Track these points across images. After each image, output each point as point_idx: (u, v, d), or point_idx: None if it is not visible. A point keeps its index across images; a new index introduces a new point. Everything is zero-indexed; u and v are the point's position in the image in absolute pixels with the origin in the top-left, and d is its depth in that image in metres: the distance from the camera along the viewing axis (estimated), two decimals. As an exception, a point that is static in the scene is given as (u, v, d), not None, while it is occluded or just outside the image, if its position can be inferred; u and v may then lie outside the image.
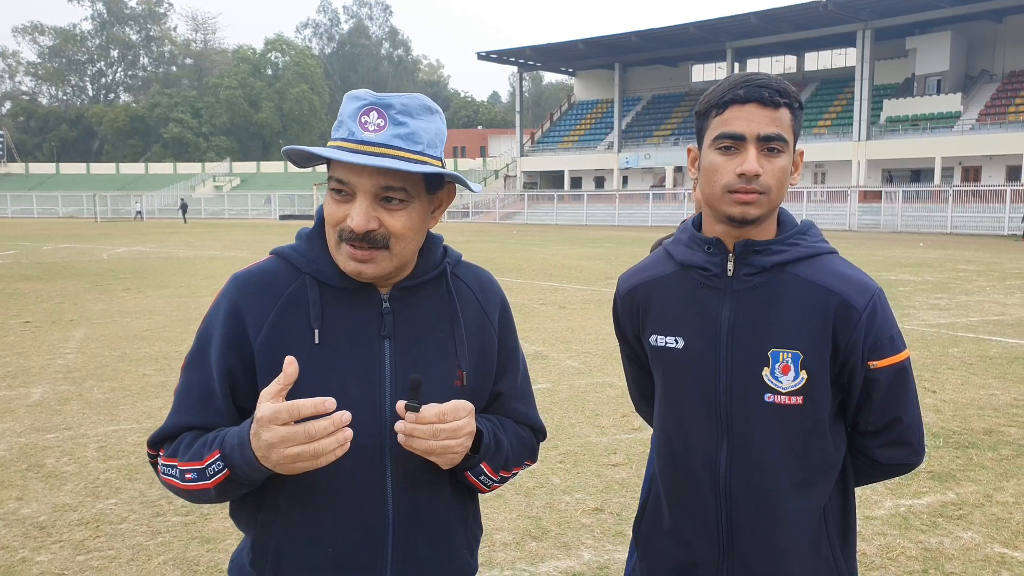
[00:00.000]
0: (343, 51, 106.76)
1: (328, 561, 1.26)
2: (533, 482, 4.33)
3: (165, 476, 1.26)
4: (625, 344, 1.63)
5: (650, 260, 1.55)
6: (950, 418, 5.56)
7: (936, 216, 36.04)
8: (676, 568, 1.48)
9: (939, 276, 15.57)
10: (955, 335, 8.87)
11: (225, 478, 1.17)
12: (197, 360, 1.28)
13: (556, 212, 48.35)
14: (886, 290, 12.32)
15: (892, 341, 1.38)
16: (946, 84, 43.46)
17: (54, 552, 3.45)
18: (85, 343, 8.31)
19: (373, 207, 1.20)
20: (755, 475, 1.38)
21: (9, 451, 4.79)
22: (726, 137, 1.33)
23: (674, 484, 1.47)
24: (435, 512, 1.32)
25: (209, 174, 72.20)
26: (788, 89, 1.34)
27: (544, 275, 15.72)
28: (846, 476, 1.47)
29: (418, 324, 1.31)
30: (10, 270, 16.56)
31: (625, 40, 49.41)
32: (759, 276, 1.39)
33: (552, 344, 8.31)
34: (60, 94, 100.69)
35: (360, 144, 1.19)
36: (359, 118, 1.20)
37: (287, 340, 1.24)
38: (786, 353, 1.36)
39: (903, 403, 1.41)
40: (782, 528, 1.38)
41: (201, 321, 1.31)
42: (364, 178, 1.19)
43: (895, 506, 4.01)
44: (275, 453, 1.10)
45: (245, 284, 1.29)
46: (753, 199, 1.33)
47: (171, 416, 1.28)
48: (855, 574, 1.48)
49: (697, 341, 1.41)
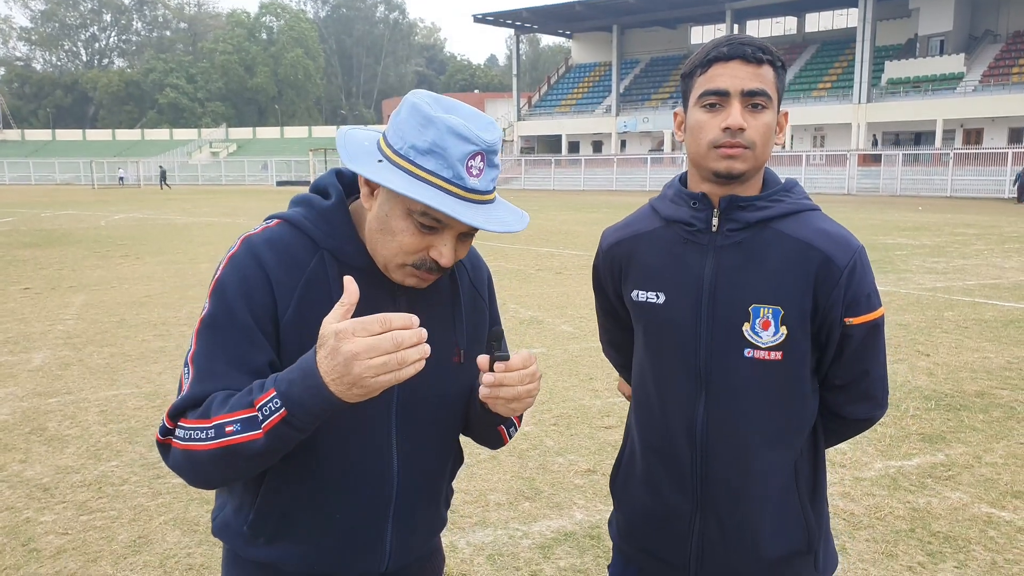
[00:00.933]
0: (338, 14, 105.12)
1: (334, 526, 1.28)
2: (527, 444, 4.39)
3: (189, 443, 1.14)
4: (603, 297, 1.65)
5: (635, 216, 1.57)
6: (942, 381, 5.61)
7: (936, 180, 35.86)
8: (650, 517, 1.51)
9: (937, 240, 15.57)
10: (951, 299, 8.91)
11: (281, 419, 1.08)
12: (220, 322, 1.20)
13: (553, 177, 48.08)
14: (883, 254, 12.27)
15: (869, 299, 1.41)
16: (949, 45, 42.90)
17: (58, 512, 3.52)
18: (85, 309, 8.35)
19: (456, 243, 1.24)
20: (731, 428, 1.41)
21: (12, 415, 4.85)
22: (711, 94, 1.35)
23: (651, 435, 1.50)
24: (431, 480, 1.38)
25: (205, 140, 71.68)
26: (771, 48, 1.36)
27: (540, 241, 15.71)
28: (817, 434, 1.50)
29: (425, 304, 1.33)
30: (9, 237, 16.53)
31: (623, 1, 48.60)
32: (743, 232, 1.40)
33: (548, 309, 8.34)
34: (54, 59, 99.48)
35: (467, 192, 1.18)
36: (467, 162, 1.17)
37: (310, 318, 1.21)
38: (767, 308, 1.37)
39: (872, 358, 1.44)
40: (754, 481, 1.41)
41: (214, 283, 1.23)
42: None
43: (885, 467, 4.08)
44: (359, 365, 1.03)
45: (270, 251, 1.24)
46: (738, 153, 1.34)
47: (196, 382, 1.18)
48: (826, 529, 1.51)
49: (678, 296, 1.43)
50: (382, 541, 1.32)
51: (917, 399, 5.21)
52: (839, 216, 22.25)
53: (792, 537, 1.44)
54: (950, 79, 41.10)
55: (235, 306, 1.20)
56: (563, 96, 58.88)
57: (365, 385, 1.05)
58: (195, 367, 1.20)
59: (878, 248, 14.00)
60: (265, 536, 1.29)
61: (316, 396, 1.07)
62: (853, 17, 47.31)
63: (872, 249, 13.85)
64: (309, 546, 1.29)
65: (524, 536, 3.34)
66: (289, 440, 1.12)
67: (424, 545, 1.41)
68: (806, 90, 46.73)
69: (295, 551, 1.29)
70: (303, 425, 1.10)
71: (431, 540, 1.44)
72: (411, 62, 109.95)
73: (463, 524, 3.44)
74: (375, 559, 1.32)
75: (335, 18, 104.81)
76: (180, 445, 1.16)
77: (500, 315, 1.51)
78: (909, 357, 6.30)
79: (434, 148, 1.16)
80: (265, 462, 1.16)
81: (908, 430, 4.62)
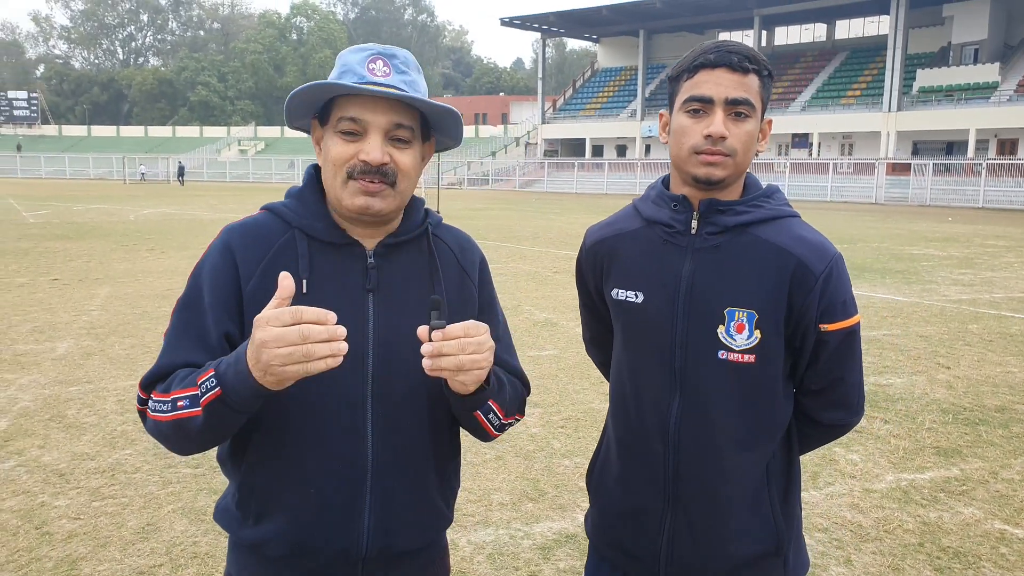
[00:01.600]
0: (367, 16, 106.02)
1: (310, 501, 1.31)
2: (533, 445, 4.40)
3: (155, 414, 1.24)
4: (584, 294, 1.67)
5: (618, 215, 1.59)
6: (962, 394, 5.52)
7: (968, 190, 35.22)
8: (623, 514, 1.53)
9: (966, 251, 15.30)
10: (976, 311, 8.76)
11: (215, 398, 1.16)
12: (191, 303, 1.31)
13: (576, 180, 47.97)
14: (908, 264, 12.12)
15: (845, 306, 1.42)
16: (984, 53, 42.14)
17: (71, 498, 3.59)
18: (109, 301, 8.51)
19: (384, 143, 1.28)
20: (704, 428, 1.43)
21: (34, 402, 4.96)
22: (695, 100, 1.37)
23: (626, 433, 1.52)
24: (413, 460, 1.37)
25: (234, 138, 72.54)
26: (758, 57, 1.37)
27: (560, 243, 15.70)
28: (791, 439, 1.51)
29: (401, 280, 1.37)
30: (42, 229, 16.90)
31: (650, 6, 48.41)
32: (721, 236, 1.42)
33: (563, 312, 8.34)
34: (92, 57, 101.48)
35: (372, 85, 1.26)
36: (367, 65, 1.28)
37: (272, 288, 1.25)
38: (741, 312, 1.39)
39: (847, 365, 1.45)
40: (725, 481, 1.43)
41: (193, 268, 1.36)
42: (379, 115, 1.27)
43: (896, 480, 4.03)
44: (266, 352, 1.09)
45: (239, 233, 1.35)
46: (719, 160, 1.36)
47: (163, 355, 1.30)
48: (797, 532, 1.52)
49: (656, 296, 1.45)
50: (359, 517, 1.33)
51: (934, 412, 5.13)
52: (865, 225, 21.96)
53: (761, 538, 1.45)
54: (984, 88, 40.37)
55: (204, 288, 1.31)
56: (588, 100, 58.77)
57: (274, 373, 1.11)
58: (166, 341, 1.32)
59: (904, 259, 13.80)
60: (252, 516, 1.34)
61: (242, 379, 1.14)
62: (884, 25, 46.70)
63: (898, 259, 13.66)
64: (289, 523, 1.32)
65: (525, 536, 3.34)
66: (227, 418, 1.19)
67: (415, 535, 1.39)
68: (835, 97, 46.19)
69: (277, 529, 1.33)
70: (238, 406, 1.17)
71: (425, 532, 1.42)
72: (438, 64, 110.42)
73: (465, 522, 3.46)
74: (352, 536, 1.33)
75: (364, 20, 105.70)
76: (150, 415, 1.27)
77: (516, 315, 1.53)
78: (929, 369, 6.21)
79: (341, 68, 1.31)
80: (214, 436, 1.24)
81: (923, 443, 4.56)
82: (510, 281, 10.53)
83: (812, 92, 48.07)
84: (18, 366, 5.82)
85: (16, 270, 10.74)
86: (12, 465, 3.96)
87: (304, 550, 1.33)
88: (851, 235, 18.41)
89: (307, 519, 1.32)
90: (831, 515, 3.60)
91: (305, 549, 1.33)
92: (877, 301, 9.33)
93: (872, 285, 10.64)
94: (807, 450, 1.58)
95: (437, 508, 1.43)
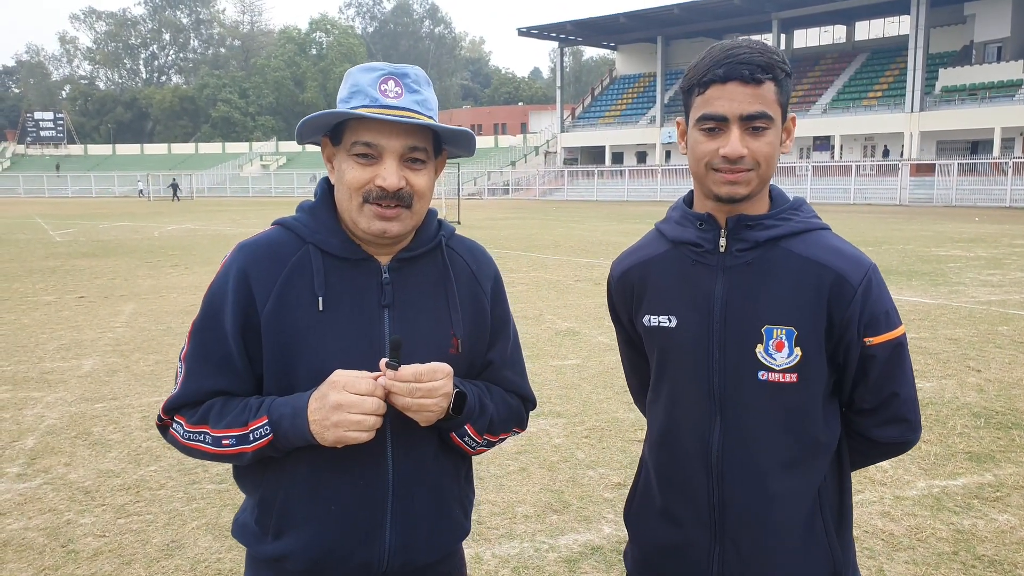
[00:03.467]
0: (386, 29, 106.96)
1: (331, 518, 1.31)
2: (557, 456, 4.36)
3: (189, 442, 1.30)
4: (620, 328, 1.61)
5: (642, 241, 1.54)
6: (994, 398, 5.40)
7: (994, 189, 34.66)
8: (666, 550, 1.46)
9: (993, 252, 15.02)
10: (1006, 312, 8.58)
11: (267, 443, 1.25)
12: (210, 325, 1.31)
13: (597, 188, 47.90)
14: (935, 266, 11.93)
15: (888, 316, 1.36)
16: (1007, 51, 41.54)
17: (97, 515, 3.62)
18: (134, 317, 8.61)
19: (400, 167, 1.28)
20: (747, 454, 1.37)
21: (60, 419, 5.02)
22: (708, 119, 1.31)
23: (666, 464, 1.46)
24: (431, 472, 1.37)
25: (256, 153, 73.44)
26: (771, 60, 1.30)
27: (581, 251, 15.66)
28: (842, 458, 1.44)
29: (416, 294, 1.36)
30: (69, 247, 17.19)
31: (667, 13, 48.40)
32: (752, 252, 1.37)
33: (584, 320, 8.29)
34: (116, 77, 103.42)
35: (385, 109, 1.26)
36: (378, 86, 1.27)
37: (292, 307, 1.30)
38: (780, 330, 1.33)
39: (899, 379, 1.38)
40: (774, 508, 1.36)
41: (207, 289, 1.35)
42: (393, 139, 1.27)
43: (928, 487, 3.93)
44: (338, 415, 1.19)
45: (252, 252, 1.34)
46: (740, 179, 1.31)
47: (188, 381, 1.31)
48: (851, 557, 1.45)
49: (690, 319, 1.40)
50: (381, 531, 1.33)
51: (965, 416, 5.01)
52: (889, 228, 21.66)
53: (817, 568, 1.38)
54: (1008, 86, 39.75)
55: (219, 312, 1.31)
56: (607, 107, 58.74)
57: (338, 435, 1.21)
58: (187, 365, 1.34)
59: (930, 260, 13.58)
60: (272, 531, 1.34)
61: (298, 432, 1.23)
62: (905, 25, 46.22)
63: (923, 261, 13.44)
64: (309, 537, 1.32)
65: (550, 549, 3.31)
66: (274, 455, 1.30)
67: (435, 548, 1.39)
68: (856, 99, 45.75)
69: (297, 544, 1.32)
70: (284, 449, 1.28)
71: (445, 544, 1.41)
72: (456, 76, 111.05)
73: (489, 536, 3.43)
74: (374, 552, 1.32)
75: (383, 33, 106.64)
76: (182, 441, 1.32)
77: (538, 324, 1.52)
78: (958, 373, 6.08)
79: (352, 89, 1.30)
80: (255, 460, 1.31)
81: (955, 448, 4.45)
82: (531, 290, 10.51)
83: (833, 94, 47.65)
84: (45, 384, 5.90)
85: (43, 288, 10.92)
86: (39, 483, 4.00)
87: (324, 565, 1.32)
88: (876, 237, 18.16)
89: (328, 536, 1.32)
90: (862, 524, 3.53)
91: (325, 565, 1.32)
92: (904, 304, 9.17)
93: (899, 288, 10.48)
94: (859, 467, 1.51)
95: (456, 519, 1.44)
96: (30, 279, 11.90)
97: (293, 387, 1.29)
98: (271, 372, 1.31)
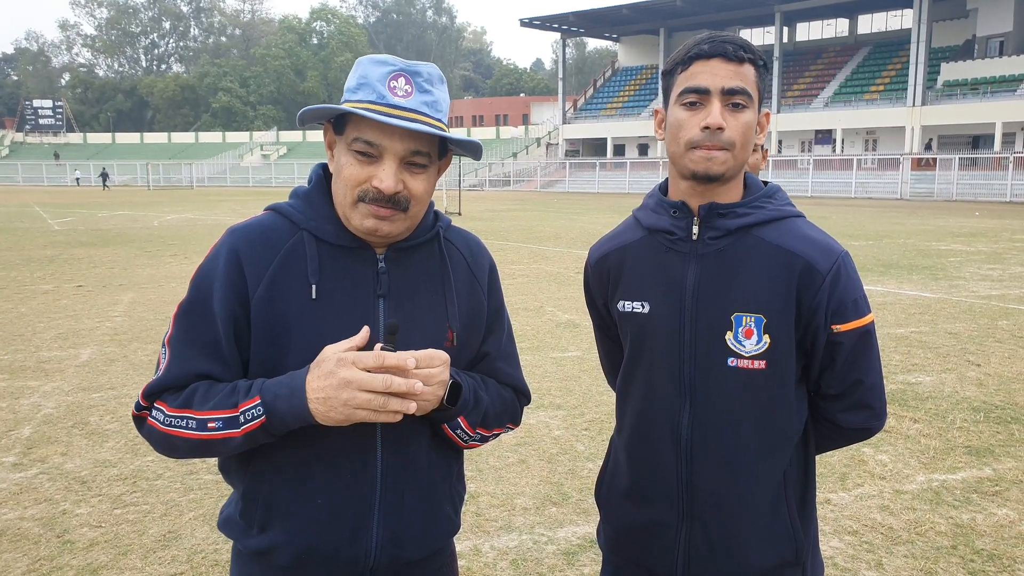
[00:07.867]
0: (387, 19, 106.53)
1: (318, 512, 1.28)
2: (557, 448, 4.35)
3: (170, 428, 1.22)
4: (595, 313, 1.64)
5: (620, 228, 1.56)
6: (993, 392, 5.39)
7: (995, 184, 34.63)
8: (637, 529, 1.49)
9: (994, 246, 15.00)
10: (1006, 307, 8.56)
11: (259, 426, 1.17)
12: (197, 309, 1.26)
13: (598, 180, 47.84)
14: (935, 260, 11.92)
15: (856, 305, 1.37)
16: (1009, 45, 41.40)
17: (93, 505, 3.61)
18: (132, 307, 8.59)
19: (399, 170, 1.24)
20: (716, 438, 1.39)
21: (57, 409, 5.01)
22: (691, 91, 1.33)
23: (637, 447, 1.48)
24: (422, 466, 1.35)
25: (257, 143, 73.28)
26: (752, 47, 1.34)
27: (582, 243, 15.63)
28: (807, 442, 1.47)
29: (411, 284, 1.33)
30: (67, 236, 17.16)
31: (670, 4, 48.17)
32: (724, 239, 1.39)
33: (585, 313, 8.19)
34: (116, 65, 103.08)
35: (392, 108, 1.21)
36: (388, 83, 1.22)
37: (285, 294, 1.26)
38: (749, 317, 1.36)
39: (865, 367, 1.40)
40: (741, 491, 1.39)
41: (195, 271, 1.30)
42: (395, 141, 1.23)
43: (927, 480, 3.93)
44: (346, 393, 1.12)
45: (244, 236, 1.30)
46: (716, 155, 1.33)
47: (172, 364, 1.25)
48: (814, 540, 1.48)
49: (662, 305, 1.42)
50: (368, 526, 1.30)
51: (965, 411, 5.00)
52: (890, 221, 21.62)
53: (780, 548, 1.41)
54: (1010, 81, 39.64)
55: (209, 295, 1.27)
56: (609, 99, 58.59)
57: (344, 413, 1.14)
58: (171, 349, 1.28)
59: (930, 255, 13.56)
60: (257, 525, 1.31)
61: (296, 412, 1.17)
62: (907, 18, 46.05)
63: (924, 256, 13.43)
64: (295, 533, 1.29)
65: (549, 542, 3.30)
66: (259, 441, 1.23)
67: (424, 544, 1.36)
68: (858, 93, 45.62)
69: (283, 538, 1.30)
70: (277, 432, 1.21)
71: (434, 541, 1.39)
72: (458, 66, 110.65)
73: (488, 528, 3.42)
74: (362, 547, 1.30)
75: (384, 23, 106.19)
76: (161, 428, 1.23)
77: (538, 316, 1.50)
78: (958, 367, 6.07)
79: (360, 80, 1.25)
80: (243, 448, 1.25)
81: (954, 442, 4.44)
82: (532, 282, 10.49)
83: (835, 88, 47.52)
84: (42, 373, 5.88)
85: (41, 277, 10.90)
86: (35, 472, 3.99)
87: (310, 560, 1.30)
88: (877, 231, 18.12)
89: (315, 530, 1.29)
90: (860, 517, 3.52)
91: (311, 559, 1.30)
92: (904, 298, 9.16)
93: (899, 282, 10.46)
94: (824, 451, 1.54)
95: (446, 516, 1.41)
96: (28, 268, 11.87)
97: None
98: (258, 359, 1.27)
